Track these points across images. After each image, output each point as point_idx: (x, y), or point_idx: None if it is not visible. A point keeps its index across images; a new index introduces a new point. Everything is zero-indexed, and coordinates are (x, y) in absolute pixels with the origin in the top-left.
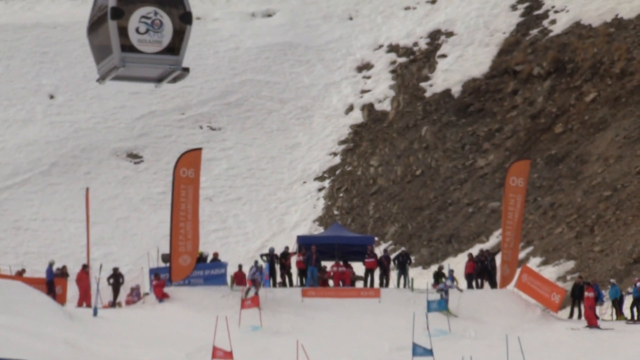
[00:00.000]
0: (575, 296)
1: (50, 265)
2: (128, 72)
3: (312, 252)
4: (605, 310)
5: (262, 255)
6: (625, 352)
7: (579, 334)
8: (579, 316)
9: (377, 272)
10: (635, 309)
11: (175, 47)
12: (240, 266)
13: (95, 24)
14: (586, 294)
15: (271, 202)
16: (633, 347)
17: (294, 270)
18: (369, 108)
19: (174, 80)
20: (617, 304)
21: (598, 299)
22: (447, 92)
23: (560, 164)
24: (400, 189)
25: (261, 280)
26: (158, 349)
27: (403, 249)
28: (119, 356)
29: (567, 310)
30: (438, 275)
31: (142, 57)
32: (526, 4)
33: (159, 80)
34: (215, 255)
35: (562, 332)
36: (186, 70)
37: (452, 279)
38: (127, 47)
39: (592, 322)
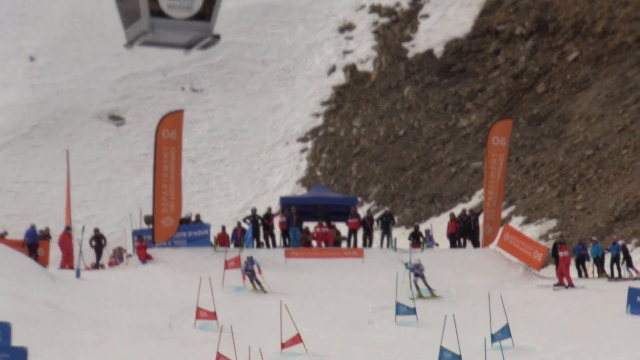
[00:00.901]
0: (557, 255)
1: (32, 227)
2: (156, 38)
3: (292, 212)
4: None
5: (244, 219)
6: (606, 310)
7: (561, 290)
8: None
9: (360, 233)
10: (615, 267)
11: (206, 13)
12: (223, 227)
13: None
14: (560, 253)
15: (254, 163)
16: (614, 305)
17: (277, 231)
18: (351, 69)
19: (204, 47)
20: (599, 261)
21: (585, 257)
22: (429, 53)
23: (543, 123)
24: (383, 149)
25: (247, 243)
26: (141, 311)
27: (386, 209)
28: (102, 318)
29: (550, 268)
30: (415, 236)
31: (172, 23)
32: None
33: (188, 46)
34: (198, 216)
35: (545, 290)
36: (217, 37)
37: (431, 239)
38: (157, 12)
39: (564, 281)
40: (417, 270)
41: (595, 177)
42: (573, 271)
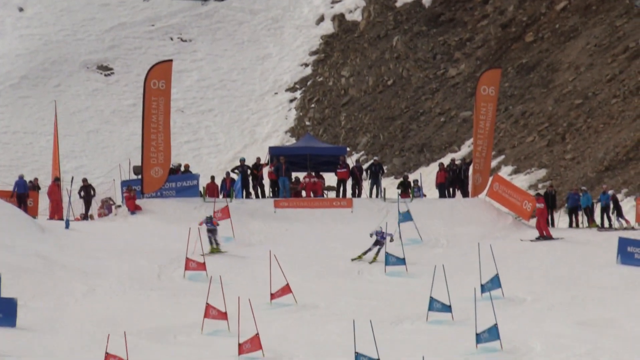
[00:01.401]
0: (547, 205)
1: (21, 178)
2: None
3: (281, 162)
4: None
5: (233, 169)
6: (596, 260)
7: (552, 242)
8: (552, 224)
9: (349, 183)
10: (605, 217)
11: None
12: (212, 178)
13: None
14: (537, 205)
15: (243, 113)
16: (605, 255)
17: (266, 181)
18: (339, 18)
19: None
20: (589, 211)
21: (578, 207)
22: (417, 2)
23: (532, 72)
24: (372, 99)
25: (236, 193)
26: (130, 261)
27: (375, 158)
28: (91, 268)
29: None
30: (404, 186)
31: None
32: None
33: None
34: (187, 167)
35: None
36: None
37: (420, 189)
38: None
39: (546, 233)
40: (378, 237)
41: (584, 127)
42: (565, 220)
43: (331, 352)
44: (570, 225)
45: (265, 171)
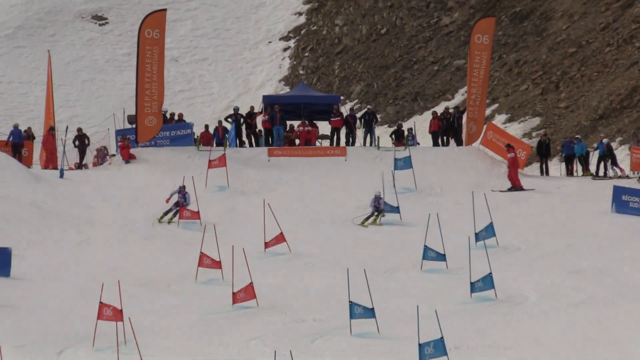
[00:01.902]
0: (541, 153)
1: (16, 127)
2: None
3: (275, 111)
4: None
5: (226, 118)
6: (591, 209)
7: (545, 188)
8: (546, 172)
9: (343, 131)
10: (602, 165)
11: None
12: (206, 126)
13: None
14: (508, 155)
15: (237, 62)
16: (599, 204)
17: (260, 130)
18: None
19: None
20: (584, 160)
21: (574, 155)
22: None
23: (525, 20)
24: (366, 47)
25: (229, 142)
26: (125, 210)
27: (369, 107)
28: (85, 217)
29: (534, 166)
30: (397, 134)
31: None
32: None
33: None
34: (181, 115)
35: (529, 188)
36: None
37: (414, 137)
38: None
39: (516, 183)
40: (376, 204)
41: (578, 75)
42: (559, 169)
43: (325, 300)
44: (568, 174)
45: (259, 120)
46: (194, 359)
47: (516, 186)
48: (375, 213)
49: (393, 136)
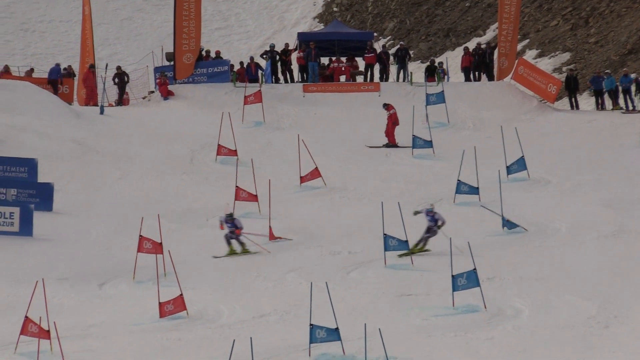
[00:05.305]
0: (570, 88)
1: (57, 65)
2: None
3: (311, 48)
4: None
5: (262, 55)
6: (620, 142)
7: (575, 122)
8: (576, 106)
9: (376, 67)
10: (628, 99)
11: None
12: (241, 63)
13: None
14: (390, 111)
15: (272, 0)
16: (628, 137)
17: (294, 66)
18: None
19: None
20: (613, 94)
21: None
22: None
23: None
24: None
25: (264, 77)
26: (163, 146)
27: (401, 43)
28: (125, 153)
29: (564, 100)
30: (431, 70)
31: None
32: None
33: None
34: (218, 53)
35: (559, 122)
36: None
37: (443, 71)
38: None
39: (391, 140)
40: (428, 219)
41: (607, 11)
42: (589, 102)
43: (359, 233)
44: (598, 108)
45: (294, 57)
46: (233, 291)
47: (391, 143)
48: (429, 235)
49: (426, 73)
